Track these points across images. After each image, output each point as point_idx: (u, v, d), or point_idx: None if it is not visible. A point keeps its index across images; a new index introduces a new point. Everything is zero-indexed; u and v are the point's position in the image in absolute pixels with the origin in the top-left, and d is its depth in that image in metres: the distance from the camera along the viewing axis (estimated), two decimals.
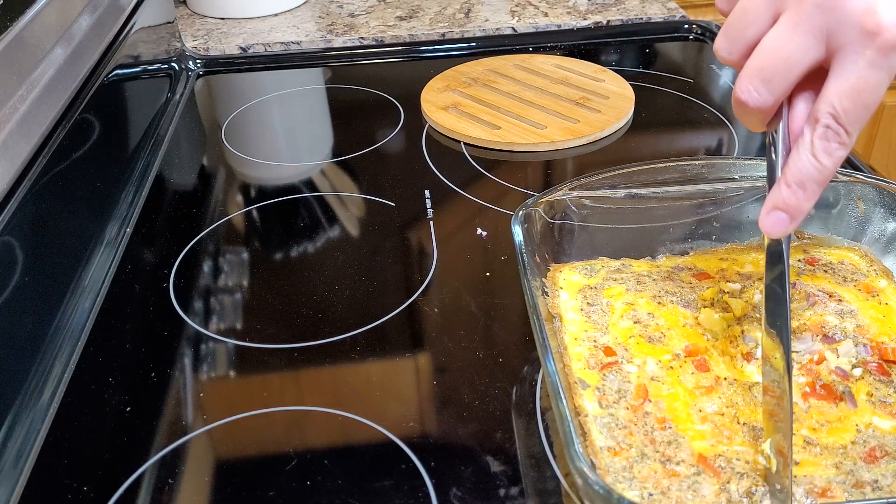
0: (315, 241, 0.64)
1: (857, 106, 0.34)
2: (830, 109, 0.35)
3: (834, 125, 0.35)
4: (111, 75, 0.70)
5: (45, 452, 0.46)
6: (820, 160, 0.36)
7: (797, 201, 0.37)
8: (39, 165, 0.54)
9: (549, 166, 0.74)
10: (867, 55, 0.34)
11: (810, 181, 0.36)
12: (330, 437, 0.47)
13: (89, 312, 0.57)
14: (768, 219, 0.38)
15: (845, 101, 0.34)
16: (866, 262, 0.53)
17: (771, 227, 0.38)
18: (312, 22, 1.04)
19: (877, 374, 0.45)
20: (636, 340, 0.48)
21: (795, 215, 0.37)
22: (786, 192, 0.37)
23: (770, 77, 0.36)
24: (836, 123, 0.35)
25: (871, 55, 0.33)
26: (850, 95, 0.34)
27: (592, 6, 1.05)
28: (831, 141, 0.35)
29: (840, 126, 0.35)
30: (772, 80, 0.36)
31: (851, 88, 0.34)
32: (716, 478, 0.39)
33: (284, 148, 0.81)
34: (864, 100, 0.34)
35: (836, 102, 0.35)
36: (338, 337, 0.54)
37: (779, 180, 0.38)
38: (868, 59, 0.34)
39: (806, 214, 0.38)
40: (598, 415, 0.43)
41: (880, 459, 0.40)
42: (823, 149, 0.36)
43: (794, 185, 0.37)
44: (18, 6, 0.56)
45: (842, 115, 0.35)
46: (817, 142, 0.36)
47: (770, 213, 0.38)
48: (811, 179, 0.36)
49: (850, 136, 0.35)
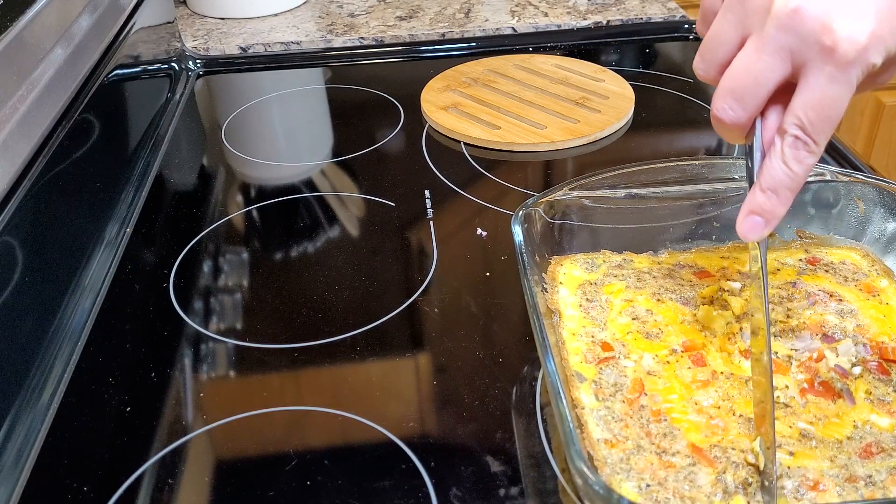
0: (315, 241, 0.64)
1: (822, 118, 0.37)
2: (797, 121, 0.37)
3: (802, 135, 0.37)
4: (111, 75, 0.70)
5: (45, 452, 0.46)
6: (791, 167, 0.38)
7: (772, 206, 0.39)
8: (39, 165, 0.54)
9: (549, 166, 0.74)
10: (827, 70, 0.36)
11: (783, 187, 0.39)
12: (330, 437, 0.47)
13: (89, 312, 0.57)
14: (745, 223, 0.40)
15: (810, 113, 0.37)
16: (867, 262, 0.53)
17: (748, 231, 0.40)
18: (312, 22, 1.04)
19: (876, 373, 0.45)
20: (634, 336, 0.48)
21: (770, 220, 0.40)
22: (761, 198, 0.39)
23: (741, 96, 0.38)
24: (803, 134, 0.37)
25: (830, 70, 0.36)
26: (815, 108, 0.36)
27: (592, 6, 1.05)
28: (800, 150, 0.38)
29: (808, 136, 0.37)
30: (743, 98, 0.38)
31: (816, 102, 0.36)
32: (711, 468, 0.40)
33: (284, 148, 0.81)
34: (827, 112, 0.36)
35: (801, 115, 0.37)
36: (338, 337, 0.54)
37: (754, 186, 0.40)
38: (828, 74, 0.36)
39: (780, 218, 0.40)
40: (595, 407, 0.44)
41: (876, 455, 0.40)
42: (793, 157, 0.38)
43: (769, 190, 0.39)
44: (18, 6, 0.56)
45: (808, 126, 0.37)
46: (787, 150, 0.38)
47: (746, 218, 0.40)
48: (783, 186, 0.39)
49: (819, 145, 0.37)
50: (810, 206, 0.55)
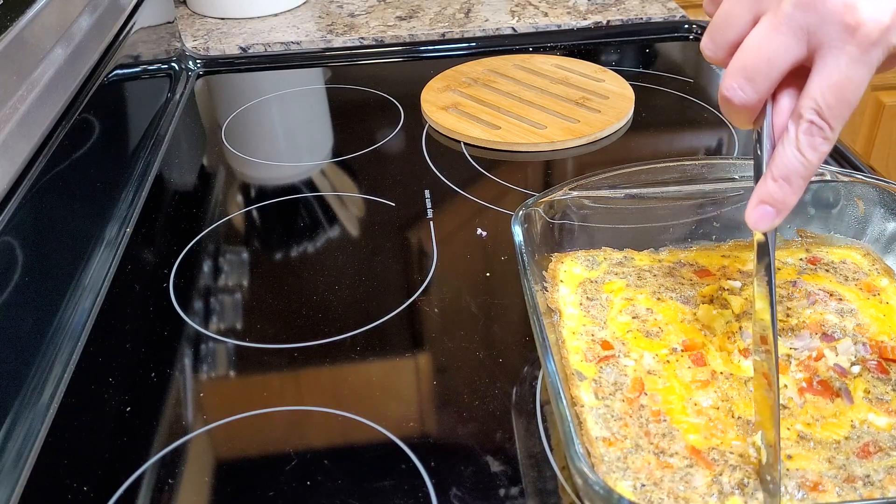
0: (315, 241, 0.64)
1: (840, 101, 0.35)
2: (814, 105, 0.35)
3: (818, 121, 0.36)
4: (111, 75, 0.70)
5: (45, 452, 0.46)
6: (805, 155, 0.36)
7: (783, 195, 0.38)
8: (39, 165, 0.54)
9: (549, 166, 0.74)
10: (848, 51, 0.34)
11: (795, 175, 0.37)
12: (330, 437, 0.47)
13: (89, 312, 0.57)
14: (755, 213, 0.39)
15: (828, 96, 0.35)
16: (868, 261, 0.53)
17: (757, 220, 0.39)
18: (312, 22, 1.04)
19: (875, 372, 0.45)
20: (634, 335, 0.48)
21: (781, 209, 0.38)
22: (772, 187, 0.38)
23: (753, 76, 0.36)
24: (819, 119, 0.36)
25: (852, 51, 0.34)
26: (833, 91, 0.35)
27: (592, 6, 1.05)
28: (815, 136, 0.36)
29: (824, 121, 0.36)
30: (755, 78, 0.36)
31: (834, 84, 0.35)
32: (708, 470, 0.40)
33: (284, 148, 0.81)
34: (846, 95, 0.35)
35: (819, 98, 0.35)
36: (338, 337, 0.54)
37: (765, 175, 0.38)
38: (849, 54, 0.34)
39: (791, 208, 0.38)
40: (594, 406, 0.44)
41: (873, 455, 0.40)
42: (808, 143, 0.36)
43: (781, 179, 0.37)
44: (18, 6, 0.56)
45: (825, 110, 0.35)
46: (802, 137, 0.36)
47: (756, 207, 0.39)
48: (796, 174, 0.37)
49: (834, 131, 0.36)
50: (810, 207, 0.55)
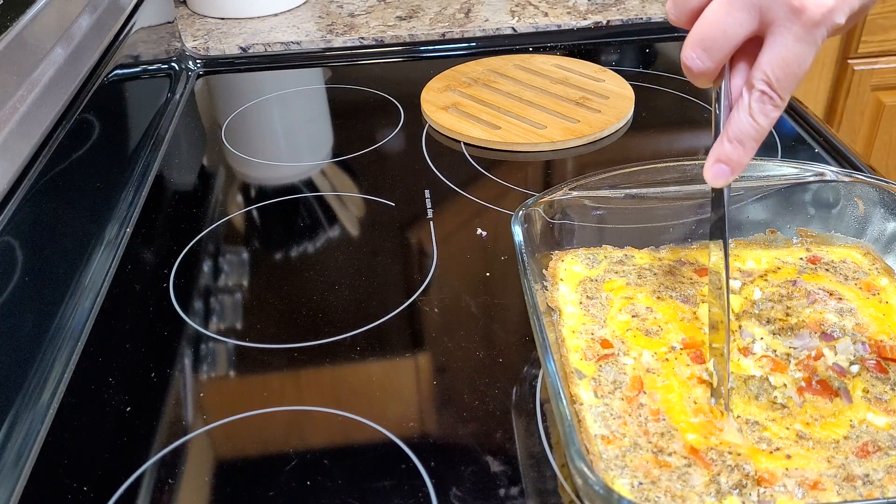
0: (315, 241, 0.64)
1: (787, 74, 0.39)
2: (764, 77, 0.39)
3: (768, 90, 0.39)
4: (111, 75, 0.70)
5: (45, 452, 0.46)
6: (757, 120, 0.40)
7: (737, 155, 0.42)
8: (39, 165, 0.54)
9: (549, 166, 0.74)
10: (794, 30, 0.38)
11: (748, 138, 0.41)
12: (330, 437, 0.47)
13: (89, 312, 0.57)
14: (712, 170, 0.43)
15: (777, 70, 0.39)
16: (868, 260, 0.53)
17: (714, 177, 0.43)
18: (312, 22, 1.04)
19: (874, 372, 0.45)
20: (633, 333, 0.48)
21: (735, 168, 0.42)
22: (727, 147, 0.42)
23: (710, 46, 0.40)
24: (770, 89, 0.39)
25: (797, 30, 0.38)
26: (781, 66, 0.39)
27: (592, 6, 1.05)
28: (766, 104, 0.40)
29: (773, 91, 0.39)
30: (711, 48, 0.40)
31: (782, 59, 0.38)
32: (706, 470, 0.40)
33: (284, 148, 0.81)
34: (793, 69, 0.39)
35: (768, 71, 0.39)
36: (338, 337, 0.54)
37: (721, 136, 0.42)
38: (795, 34, 0.38)
39: (744, 167, 0.42)
40: (594, 404, 0.44)
41: (872, 454, 0.40)
42: (760, 110, 0.40)
43: (735, 140, 0.41)
44: (18, 6, 0.56)
45: (774, 82, 0.39)
46: (754, 105, 0.40)
47: (714, 165, 0.43)
48: (749, 137, 0.41)
49: (783, 100, 0.40)
50: (811, 207, 0.55)
